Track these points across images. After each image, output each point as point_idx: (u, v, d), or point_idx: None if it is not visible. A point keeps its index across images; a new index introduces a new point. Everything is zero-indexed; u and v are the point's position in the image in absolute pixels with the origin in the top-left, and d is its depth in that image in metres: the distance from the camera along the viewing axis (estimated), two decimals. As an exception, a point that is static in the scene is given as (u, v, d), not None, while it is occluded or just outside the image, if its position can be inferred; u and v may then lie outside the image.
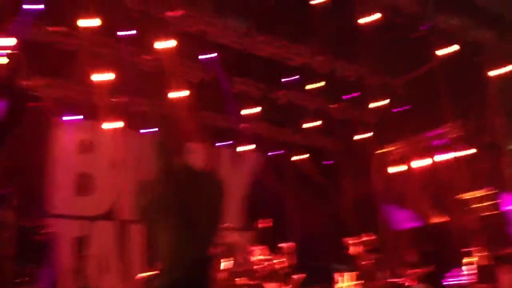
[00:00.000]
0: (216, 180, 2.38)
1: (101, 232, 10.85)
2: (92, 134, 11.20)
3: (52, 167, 10.48)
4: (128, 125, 11.40)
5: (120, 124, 11.06)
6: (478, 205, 11.02)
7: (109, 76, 9.65)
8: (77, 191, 10.87)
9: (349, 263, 11.36)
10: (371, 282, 9.91)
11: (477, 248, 10.76)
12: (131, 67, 9.88)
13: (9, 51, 8.34)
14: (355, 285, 10.20)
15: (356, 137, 13.49)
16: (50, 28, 8.93)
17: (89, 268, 10.06)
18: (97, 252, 10.45)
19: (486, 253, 10.41)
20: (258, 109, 12.04)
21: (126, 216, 11.31)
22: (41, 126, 10.28)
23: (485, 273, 9.65)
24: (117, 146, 11.44)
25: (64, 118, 10.75)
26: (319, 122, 13.03)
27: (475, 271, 9.73)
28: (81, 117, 10.86)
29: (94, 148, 11.26)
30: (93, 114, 10.62)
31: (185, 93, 10.73)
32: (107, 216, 11.12)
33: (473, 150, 11.53)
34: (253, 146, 13.31)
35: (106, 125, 10.95)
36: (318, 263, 12.78)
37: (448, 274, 10.26)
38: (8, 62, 8.44)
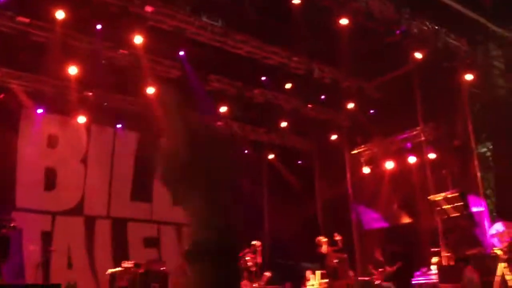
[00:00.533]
0: (231, 140, 2.25)
1: (68, 227, 10.72)
2: (60, 128, 11.03)
3: (19, 160, 10.29)
4: (98, 120, 11.27)
5: (89, 119, 10.93)
6: (446, 207, 11.22)
7: (81, 70, 9.52)
8: (44, 185, 10.70)
9: (319, 262, 11.51)
10: (336, 281, 10.06)
11: (443, 248, 11.02)
12: (105, 61, 9.73)
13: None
14: (323, 283, 10.33)
15: (330, 138, 13.64)
16: (21, 19, 8.71)
17: (55, 263, 9.90)
18: (63, 247, 10.31)
19: (451, 254, 10.67)
20: (225, 109, 11.99)
21: (92, 212, 11.21)
22: (9, 119, 10.06)
23: (449, 272, 9.86)
24: (85, 142, 11.31)
25: (33, 111, 10.55)
26: (293, 122, 13.15)
27: (440, 271, 9.95)
28: (50, 110, 10.66)
29: (62, 143, 11.09)
30: (63, 108, 10.46)
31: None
32: (74, 211, 10.99)
33: (443, 153, 11.77)
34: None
35: (76, 120, 10.82)
36: (289, 261, 12.89)
37: (415, 273, 10.46)
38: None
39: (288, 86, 12.01)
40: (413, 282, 10.32)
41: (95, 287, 9.95)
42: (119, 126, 11.84)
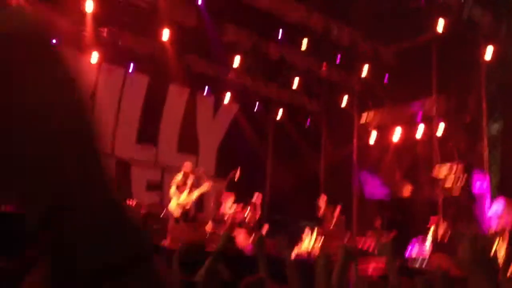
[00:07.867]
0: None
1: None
2: (72, 63, 10.87)
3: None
4: (109, 59, 11.15)
5: (100, 57, 10.80)
6: (449, 180, 11.23)
7: (97, 6, 9.36)
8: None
9: (317, 222, 11.63)
10: (330, 243, 10.21)
11: (440, 222, 11.11)
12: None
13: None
14: (317, 243, 10.49)
15: (340, 101, 13.52)
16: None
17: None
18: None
19: (447, 228, 10.76)
20: (238, 60, 11.84)
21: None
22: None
23: (442, 247, 9.97)
24: (94, 79, 11.21)
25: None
26: (305, 81, 13.02)
27: (435, 243, 10.05)
28: (63, 44, 10.51)
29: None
30: (75, 44, 10.31)
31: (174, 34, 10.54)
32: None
33: (452, 127, 11.68)
34: (236, 97, 13.23)
35: (87, 56, 10.68)
36: (287, 217, 13.05)
37: (409, 245, 10.57)
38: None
39: (304, 44, 11.81)
40: (408, 251, 10.44)
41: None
42: (131, 67, 11.74)
